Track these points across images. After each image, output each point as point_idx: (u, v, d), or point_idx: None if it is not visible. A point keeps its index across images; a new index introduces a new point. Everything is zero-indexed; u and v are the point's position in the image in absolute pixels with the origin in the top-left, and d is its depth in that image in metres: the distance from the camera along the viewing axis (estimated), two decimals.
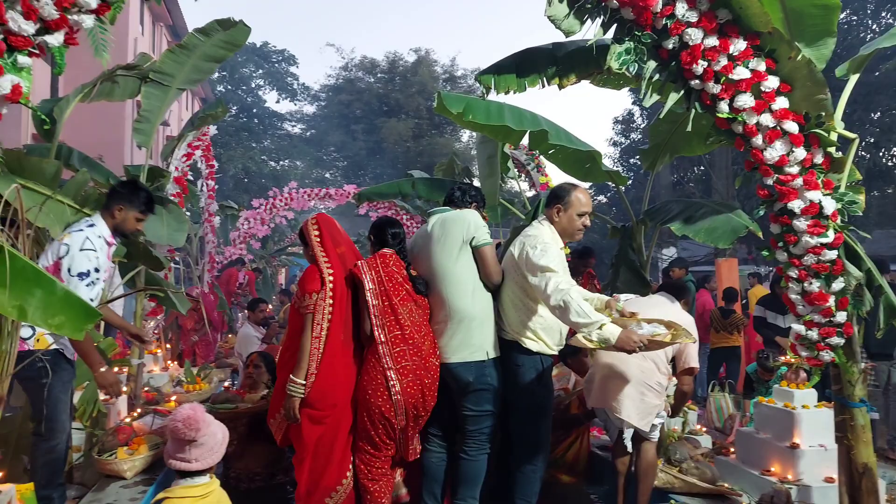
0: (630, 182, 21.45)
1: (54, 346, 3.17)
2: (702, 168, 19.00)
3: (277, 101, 44.59)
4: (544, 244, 3.10)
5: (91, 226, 3.27)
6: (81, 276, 3.12)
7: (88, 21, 2.25)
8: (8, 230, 2.65)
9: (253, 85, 29.94)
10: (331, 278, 3.20)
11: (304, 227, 3.38)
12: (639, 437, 3.68)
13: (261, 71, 30.10)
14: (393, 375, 3.12)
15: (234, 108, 27.62)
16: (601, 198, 22.04)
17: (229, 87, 28.66)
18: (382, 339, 3.16)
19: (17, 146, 6.33)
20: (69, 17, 2.20)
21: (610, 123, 24.65)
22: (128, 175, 5.48)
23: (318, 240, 3.29)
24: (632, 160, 21.91)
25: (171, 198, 5.97)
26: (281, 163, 29.21)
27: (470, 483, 3.27)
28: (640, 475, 3.68)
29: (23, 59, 2.15)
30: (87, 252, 3.16)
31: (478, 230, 3.25)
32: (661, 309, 3.50)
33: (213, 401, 4.13)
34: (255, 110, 29.60)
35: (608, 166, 5.01)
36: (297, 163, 30.58)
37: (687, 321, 3.54)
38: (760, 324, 6.99)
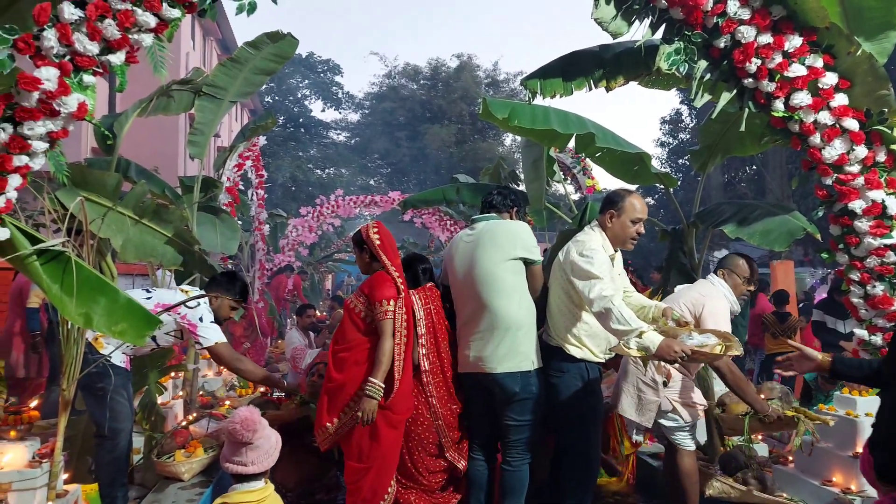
0: (679, 183, 21.07)
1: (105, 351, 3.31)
2: (754, 168, 18.48)
3: (323, 111, 45.34)
4: (591, 250, 3.06)
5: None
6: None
7: (148, 40, 2.34)
8: (73, 240, 2.77)
9: (299, 95, 30.54)
10: (402, 286, 3.23)
11: (364, 234, 3.36)
12: (672, 446, 3.60)
13: (307, 81, 30.67)
14: (435, 403, 3.28)
15: (282, 118, 28.22)
16: (648, 199, 21.65)
17: (277, 97, 29.31)
18: (426, 368, 3.28)
19: (77, 160, 6.63)
20: (130, 36, 2.30)
21: (657, 124, 24.26)
22: (182, 186, 5.66)
23: (381, 247, 3.30)
24: (680, 161, 21.45)
25: (224, 207, 6.15)
26: (327, 171, 29.69)
27: (515, 494, 3.24)
28: (679, 486, 3.59)
29: (88, 78, 2.25)
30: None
31: (532, 247, 3.26)
32: (699, 289, 3.47)
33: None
34: (301, 120, 30.18)
35: (657, 168, 4.92)
36: (342, 170, 31.02)
37: (705, 292, 3.46)
38: (820, 328, 6.73)
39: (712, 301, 3.38)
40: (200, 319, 3.39)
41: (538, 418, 3.23)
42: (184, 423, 4.56)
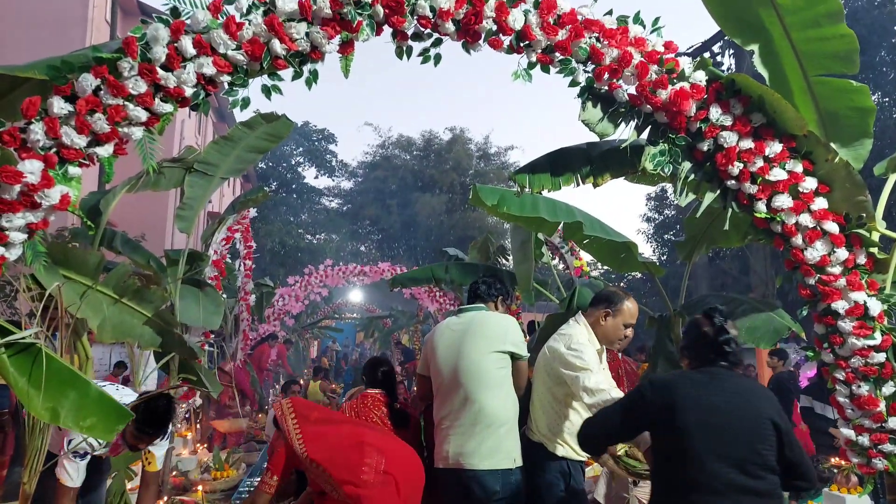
0: (664, 258, 21.23)
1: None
2: (738, 246, 18.71)
3: (316, 177, 45.95)
4: (579, 344, 3.02)
5: None
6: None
7: (138, 133, 2.35)
8: (46, 321, 2.70)
9: (293, 162, 30.95)
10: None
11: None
12: None
13: (301, 149, 31.17)
14: None
15: (274, 183, 28.48)
16: (636, 273, 21.75)
17: (270, 163, 29.68)
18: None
19: (63, 225, 6.60)
20: (120, 129, 2.31)
21: (643, 200, 24.73)
22: (168, 259, 5.62)
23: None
24: (666, 236, 21.72)
25: (209, 280, 6.09)
26: (318, 236, 29.79)
27: None
28: None
29: (73, 170, 2.25)
30: None
31: (520, 342, 3.21)
32: None
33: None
34: (294, 185, 30.49)
35: (643, 251, 4.96)
36: (333, 236, 31.14)
37: None
38: (808, 414, 6.65)
39: None
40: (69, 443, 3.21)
41: None
42: None
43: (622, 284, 18.10)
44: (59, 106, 2.17)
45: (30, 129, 2.15)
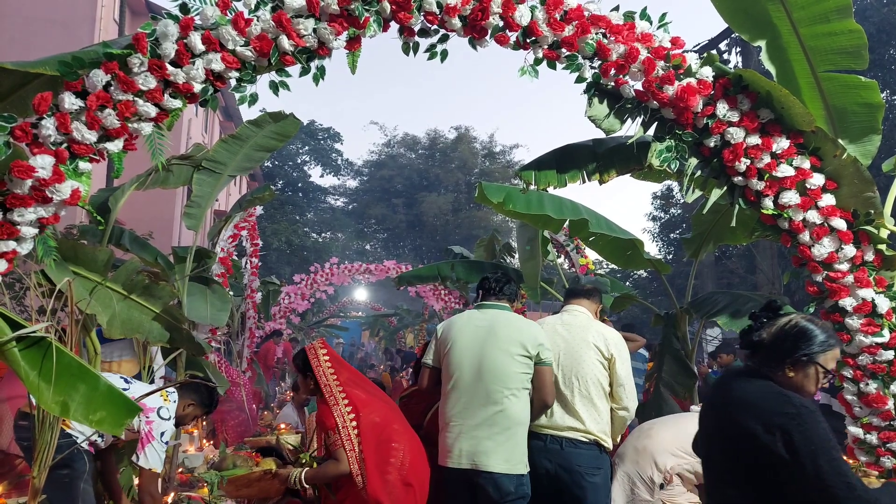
0: (671, 257, 21.17)
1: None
2: (745, 245, 18.64)
3: (322, 176, 46.00)
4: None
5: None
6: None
7: (147, 128, 2.37)
8: (56, 316, 2.72)
9: (299, 160, 31.06)
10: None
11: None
12: None
13: (307, 147, 31.26)
14: None
15: (281, 182, 28.57)
16: (642, 271, 21.70)
17: (276, 162, 29.78)
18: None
19: (72, 222, 6.64)
20: (130, 125, 2.33)
21: (649, 198, 24.67)
22: (175, 256, 5.65)
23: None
24: (672, 235, 21.64)
25: (216, 278, 6.12)
26: (323, 235, 29.87)
27: None
28: None
29: (84, 165, 2.27)
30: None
31: (545, 347, 3.16)
32: None
33: (219, 468, 4.02)
34: (300, 184, 30.61)
35: (649, 249, 4.97)
36: (338, 235, 31.21)
37: None
38: (825, 411, 6.60)
39: None
40: (162, 435, 3.33)
41: None
42: None
43: (628, 284, 18.06)
44: (70, 101, 2.19)
45: (41, 125, 2.17)
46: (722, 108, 2.94)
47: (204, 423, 7.23)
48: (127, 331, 3.79)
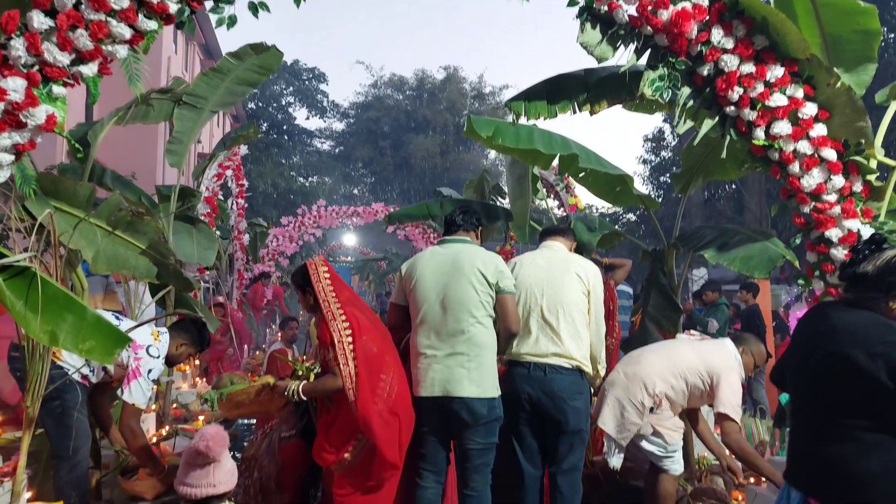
0: (661, 205, 21.19)
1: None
2: (734, 185, 18.70)
3: (307, 118, 45.24)
4: None
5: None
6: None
7: (122, 51, 2.28)
8: (40, 252, 2.69)
9: (283, 102, 30.32)
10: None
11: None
12: (655, 467, 3.60)
13: (291, 88, 30.48)
14: None
15: (265, 124, 27.99)
16: (630, 216, 21.80)
17: (260, 103, 29.10)
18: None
19: (52, 163, 6.50)
20: (103, 47, 2.23)
21: (640, 141, 24.53)
22: (159, 195, 5.56)
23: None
24: (662, 178, 21.64)
25: (202, 217, 6.06)
26: (310, 179, 29.51)
27: None
28: None
29: (58, 90, 2.19)
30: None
31: (506, 276, 3.22)
32: (719, 359, 3.50)
33: (217, 388, 4.07)
34: (285, 127, 29.98)
35: (639, 189, 4.95)
36: (325, 179, 30.86)
37: (723, 365, 3.48)
38: None
39: (729, 375, 3.44)
40: (149, 372, 3.37)
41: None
42: (154, 439, 4.45)
43: (617, 227, 18.16)
44: (38, 20, 2.09)
45: (10, 45, 2.08)
46: (717, 35, 2.87)
47: (197, 362, 7.31)
48: (113, 267, 3.76)
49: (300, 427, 3.57)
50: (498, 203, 7.59)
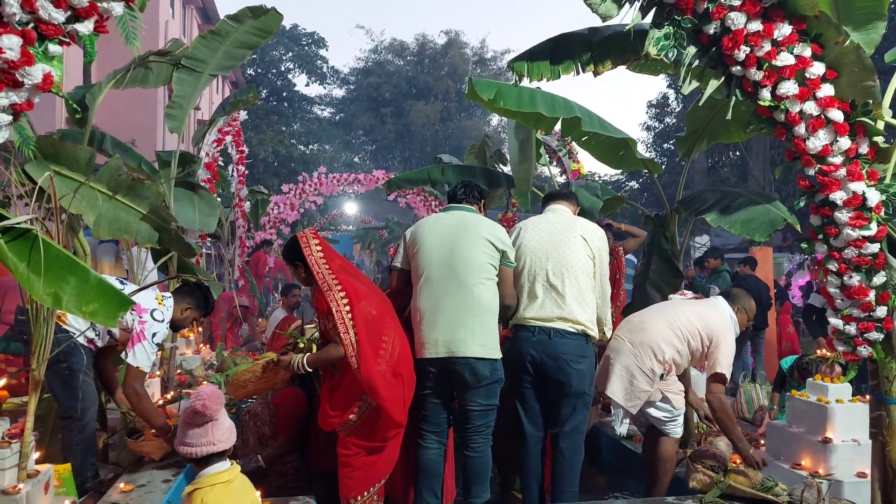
0: (664, 169, 21.03)
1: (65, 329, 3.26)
2: (738, 153, 18.56)
3: (307, 85, 44.71)
4: None
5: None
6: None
7: (118, 8, 2.23)
8: (41, 216, 2.68)
9: (283, 68, 29.92)
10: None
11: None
12: (655, 430, 3.64)
13: (290, 54, 30.03)
14: None
15: (265, 91, 27.67)
16: (633, 183, 21.69)
17: (259, 70, 28.74)
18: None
19: (51, 129, 6.45)
20: (99, 4, 2.20)
21: (644, 107, 24.26)
22: (159, 161, 5.53)
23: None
24: (665, 145, 21.47)
25: (203, 183, 6.03)
26: (311, 146, 29.30)
27: (481, 479, 3.25)
28: (653, 468, 3.64)
29: (53, 48, 2.15)
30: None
31: (510, 249, 3.28)
32: (713, 319, 3.52)
33: (220, 370, 4.12)
34: (284, 94, 29.65)
35: (642, 154, 4.91)
36: (326, 146, 30.63)
37: (721, 326, 3.50)
38: (819, 314, 6.84)
39: (727, 336, 3.48)
40: (153, 336, 3.40)
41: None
42: (160, 402, 4.51)
43: (620, 194, 18.09)
44: None
45: (4, 2, 2.04)
46: None
47: (201, 328, 7.37)
48: (115, 231, 3.76)
49: (297, 380, 3.65)
50: (499, 169, 7.55)
